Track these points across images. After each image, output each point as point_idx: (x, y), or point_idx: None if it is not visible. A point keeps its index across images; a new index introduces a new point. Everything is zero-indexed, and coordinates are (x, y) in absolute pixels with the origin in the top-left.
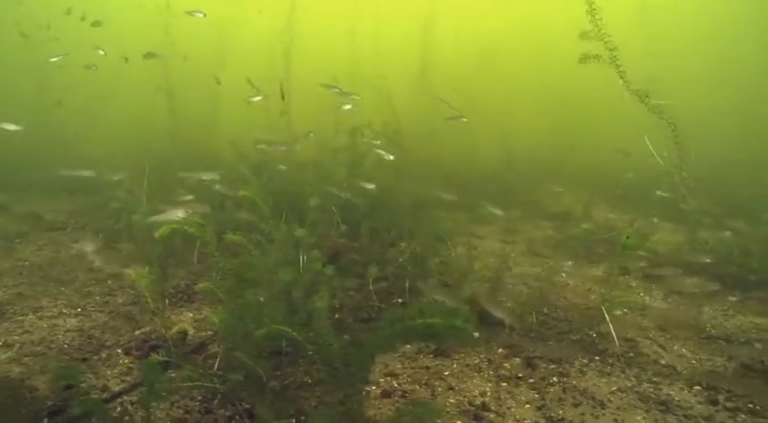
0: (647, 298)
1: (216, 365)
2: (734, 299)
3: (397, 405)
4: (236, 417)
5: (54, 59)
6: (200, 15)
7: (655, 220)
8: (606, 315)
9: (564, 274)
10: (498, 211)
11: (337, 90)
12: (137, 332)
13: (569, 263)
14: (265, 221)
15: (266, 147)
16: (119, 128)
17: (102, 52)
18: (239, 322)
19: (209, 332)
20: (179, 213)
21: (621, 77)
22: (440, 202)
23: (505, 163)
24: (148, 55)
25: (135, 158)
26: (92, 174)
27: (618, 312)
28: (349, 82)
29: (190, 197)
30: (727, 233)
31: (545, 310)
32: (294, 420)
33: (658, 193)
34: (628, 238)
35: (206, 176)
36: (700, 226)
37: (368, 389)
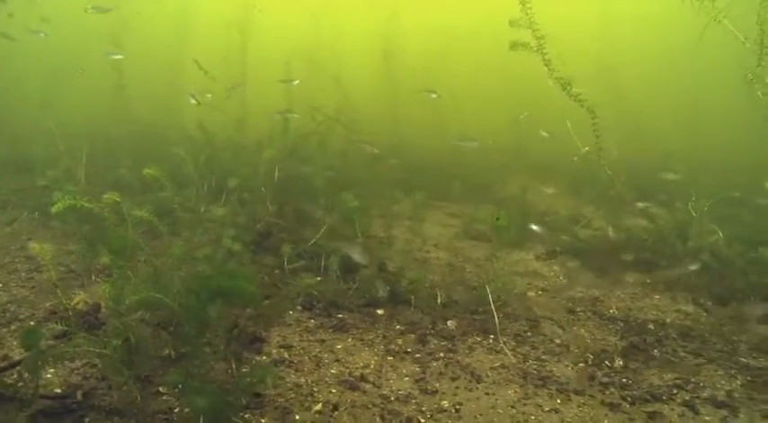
0: (564, 280)
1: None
2: (645, 282)
3: (279, 373)
4: (129, 382)
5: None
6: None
7: (585, 205)
8: (489, 295)
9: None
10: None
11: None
12: (47, 304)
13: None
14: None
15: None
16: (70, 110)
17: (43, 35)
18: (124, 292)
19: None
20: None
21: (546, 65)
22: (383, 184)
23: (460, 148)
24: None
25: (78, 138)
26: None
27: (531, 294)
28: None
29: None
30: (644, 220)
31: (460, 290)
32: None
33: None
34: (498, 219)
35: None
36: (622, 212)
37: (258, 358)
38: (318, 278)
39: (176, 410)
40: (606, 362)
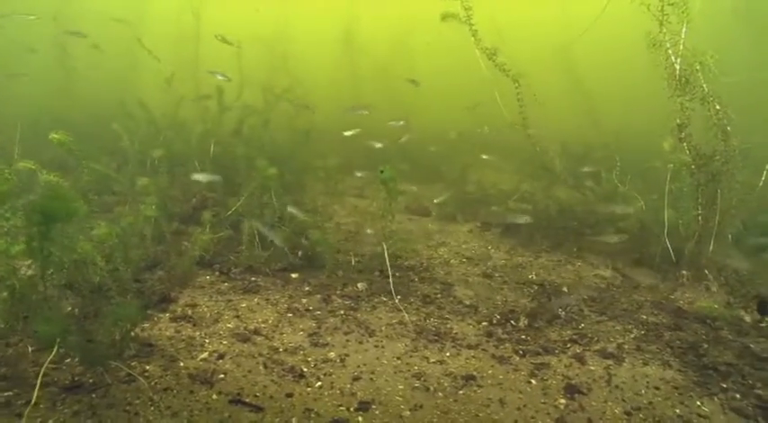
0: (492, 250)
1: None
2: (570, 250)
3: (177, 327)
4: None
5: None
6: None
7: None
8: (387, 257)
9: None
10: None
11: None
12: None
13: (439, 220)
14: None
15: None
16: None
17: None
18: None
19: None
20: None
21: (473, 36)
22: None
23: (414, 132)
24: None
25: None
26: None
27: (454, 261)
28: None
29: None
30: (576, 192)
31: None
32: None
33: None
34: (382, 172)
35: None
36: (555, 184)
37: (160, 315)
38: (242, 246)
39: (67, 361)
40: (511, 321)
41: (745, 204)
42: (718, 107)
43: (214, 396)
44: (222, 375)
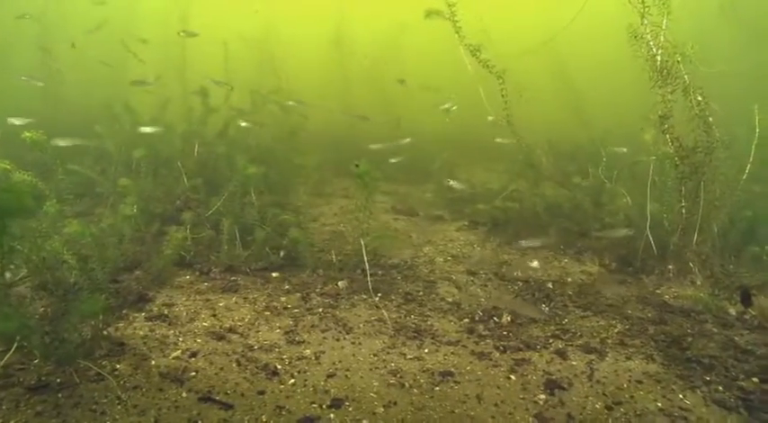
0: (477, 247)
1: None
2: (558, 247)
3: (151, 326)
4: None
5: None
6: None
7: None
8: (365, 254)
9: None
10: None
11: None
12: None
13: (425, 219)
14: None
15: None
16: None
17: None
18: None
19: None
20: None
21: (457, 32)
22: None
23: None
24: None
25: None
26: None
27: (439, 259)
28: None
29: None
30: (563, 190)
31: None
32: None
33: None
34: (357, 166)
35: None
36: (542, 181)
37: (136, 314)
38: (226, 247)
39: (36, 361)
40: (494, 318)
41: (729, 197)
42: (700, 98)
43: (184, 394)
44: (194, 373)
